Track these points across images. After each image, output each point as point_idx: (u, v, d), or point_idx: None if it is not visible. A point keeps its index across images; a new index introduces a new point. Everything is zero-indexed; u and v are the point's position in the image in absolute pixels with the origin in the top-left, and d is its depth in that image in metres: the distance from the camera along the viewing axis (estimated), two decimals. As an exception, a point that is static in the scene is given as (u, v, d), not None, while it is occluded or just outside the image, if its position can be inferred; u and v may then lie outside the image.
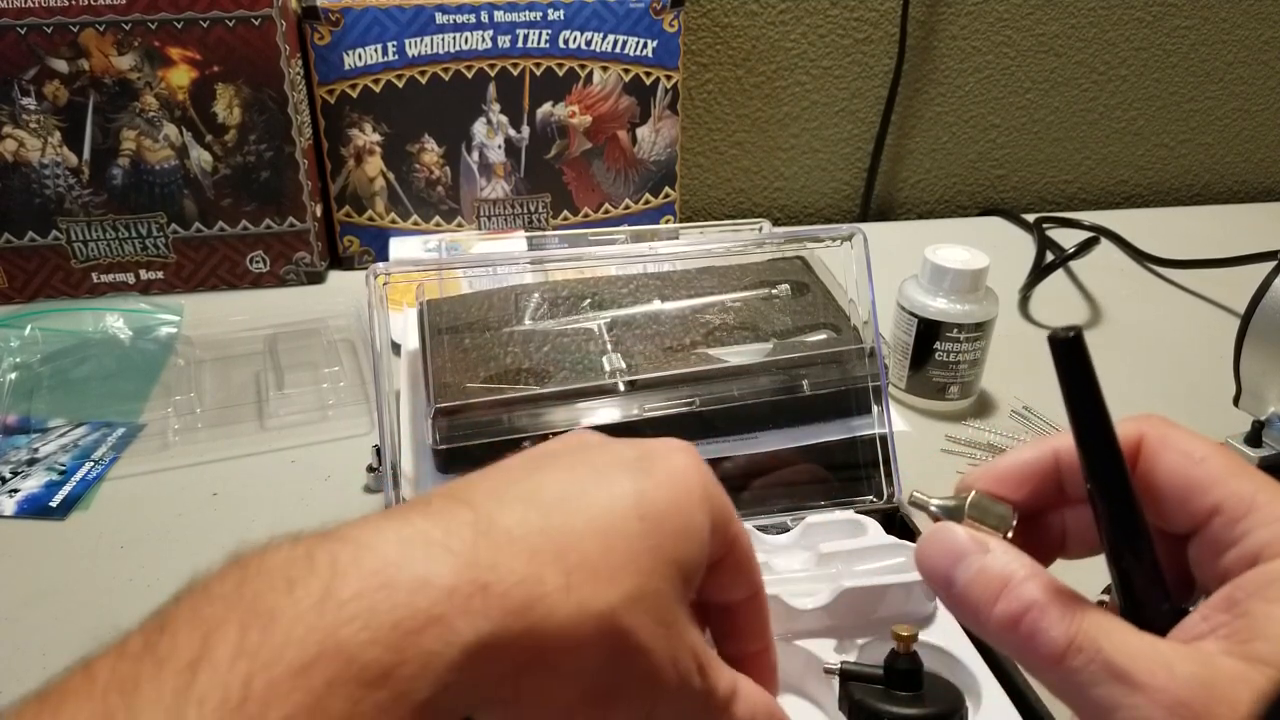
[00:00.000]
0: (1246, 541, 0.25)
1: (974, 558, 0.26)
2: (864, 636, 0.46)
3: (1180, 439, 0.27)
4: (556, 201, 0.91)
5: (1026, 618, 0.25)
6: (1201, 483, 0.26)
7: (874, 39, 0.97)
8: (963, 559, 0.26)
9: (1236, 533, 0.25)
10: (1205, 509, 0.26)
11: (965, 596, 0.26)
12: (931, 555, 0.27)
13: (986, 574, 0.26)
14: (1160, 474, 0.27)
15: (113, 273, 0.83)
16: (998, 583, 0.26)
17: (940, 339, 0.66)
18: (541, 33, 0.83)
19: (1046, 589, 0.25)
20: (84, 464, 0.62)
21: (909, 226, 1.04)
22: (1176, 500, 0.27)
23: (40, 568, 0.55)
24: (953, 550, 0.27)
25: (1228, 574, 0.25)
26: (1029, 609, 0.25)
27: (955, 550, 0.27)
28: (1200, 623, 0.25)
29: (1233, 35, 1.04)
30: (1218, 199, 1.14)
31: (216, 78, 0.78)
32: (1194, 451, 0.27)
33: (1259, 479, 0.26)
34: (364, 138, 0.85)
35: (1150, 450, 0.27)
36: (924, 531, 0.28)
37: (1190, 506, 0.26)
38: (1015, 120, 1.05)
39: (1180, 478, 0.27)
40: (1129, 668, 0.23)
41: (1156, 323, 0.84)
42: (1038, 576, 0.26)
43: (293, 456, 0.64)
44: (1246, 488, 0.26)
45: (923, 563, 0.28)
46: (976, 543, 0.27)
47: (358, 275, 0.87)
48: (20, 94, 0.76)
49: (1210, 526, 0.26)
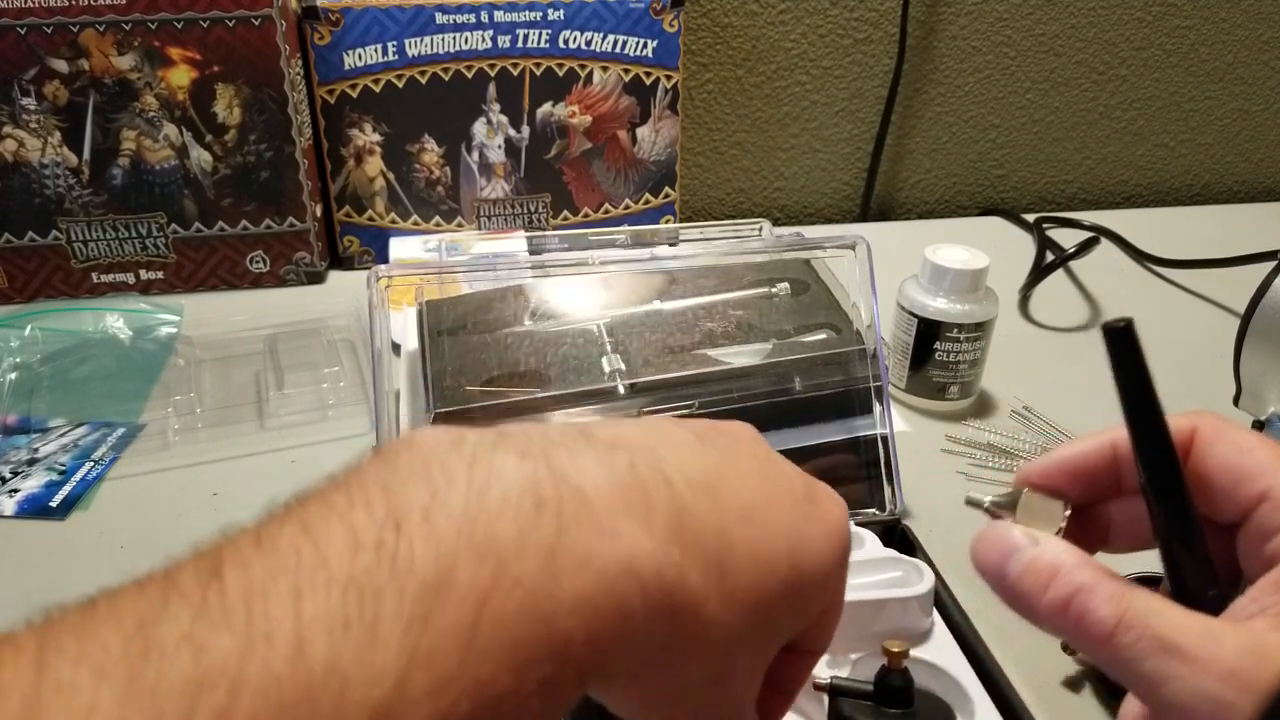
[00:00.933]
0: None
1: (1025, 551, 0.28)
2: (858, 651, 0.45)
3: (1231, 432, 0.29)
4: (556, 201, 0.91)
5: (1075, 600, 0.26)
6: (1250, 471, 0.28)
7: (874, 39, 0.97)
8: (1014, 553, 0.28)
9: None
10: (1253, 496, 0.28)
11: (1018, 587, 0.28)
12: (985, 551, 0.29)
13: (1037, 565, 0.27)
14: (1211, 464, 0.29)
15: (113, 273, 0.83)
16: (1048, 572, 0.27)
17: (940, 339, 0.66)
18: (541, 33, 0.83)
19: (1094, 574, 0.27)
20: (84, 464, 0.62)
21: (909, 226, 1.04)
22: (1226, 489, 0.28)
23: (40, 568, 0.55)
24: (1005, 545, 0.28)
25: (1275, 558, 0.27)
26: (1077, 592, 0.26)
27: (1007, 545, 0.28)
28: (1250, 604, 0.26)
29: (1233, 35, 1.04)
30: (1218, 199, 1.14)
31: (216, 78, 0.78)
32: (1244, 443, 0.28)
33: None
34: (364, 138, 0.85)
35: (1203, 442, 0.29)
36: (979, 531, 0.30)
37: (1239, 495, 0.28)
38: (1015, 120, 1.05)
39: (1230, 468, 0.28)
40: (1179, 641, 0.24)
41: (1156, 323, 0.84)
42: (1087, 564, 0.27)
43: (293, 456, 0.64)
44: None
45: (977, 559, 0.29)
46: (1028, 538, 0.28)
47: (358, 275, 0.87)
48: (20, 94, 0.76)
49: (1258, 513, 0.28)
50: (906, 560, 0.49)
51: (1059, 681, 0.48)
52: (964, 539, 0.30)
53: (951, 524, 0.58)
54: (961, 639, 0.47)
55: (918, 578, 0.48)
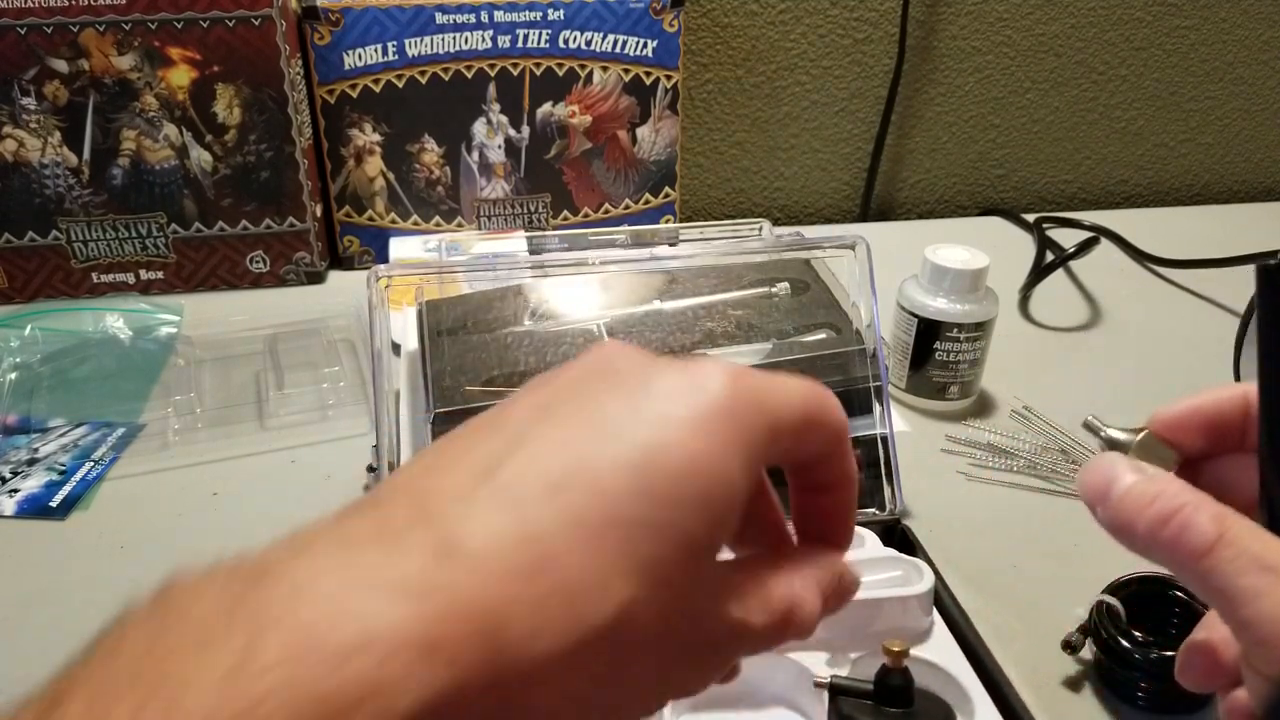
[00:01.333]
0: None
1: (1130, 475, 0.28)
2: (858, 650, 0.45)
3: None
4: (556, 201, 0.91)
5: (1179, 515, 0.26)
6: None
7: (874, 39, 0.97)
8: (1119, 478, 0.28)
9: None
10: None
11: (1120, 506, 0.28)
12: (1091, 476, 0.29)
13: (1141, 486, 0.27)
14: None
15: (113, 273, 0.83)
16: (1152, 493, 0.27)
17: (940, 339, 0.66)
18: (541, 33, 0.83)
19: (1198, 495, 0.27)
20: (84, 464, 0.62)
21: (909, 226, 1.04)
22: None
23: (40, 568, 0.55)
24: (1111, 471, 0.28)
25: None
26: (1181, 508, 0.26)
27: (1114, 472, 0.28)
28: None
29: (1233, 35, 1.04)
30: (1218, 199, 1.14)
31: (216, 78, 0.78)
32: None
33: None
34: (364, 138, 0.85)
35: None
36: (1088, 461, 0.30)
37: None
38: (1015, 120, 1.05)
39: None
40: (1274, 559, 0.25)
41: (1156, 323, 0.84)
42: (1190, 490, 0.27)
43: (293, 456, 0.64)
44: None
45: (1082, 483, 0.29)
46: (1135, 468, 0.28)
47: (358, 275, 0.87)
48: (20, 94, 0.75)
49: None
50: (906, 560, 0.49)
51: (1059, 681, 0.48)
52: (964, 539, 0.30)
53: (951, 524, 0.58)
54: (961, 638, 0.47)
55: (917, 577, 0.48)
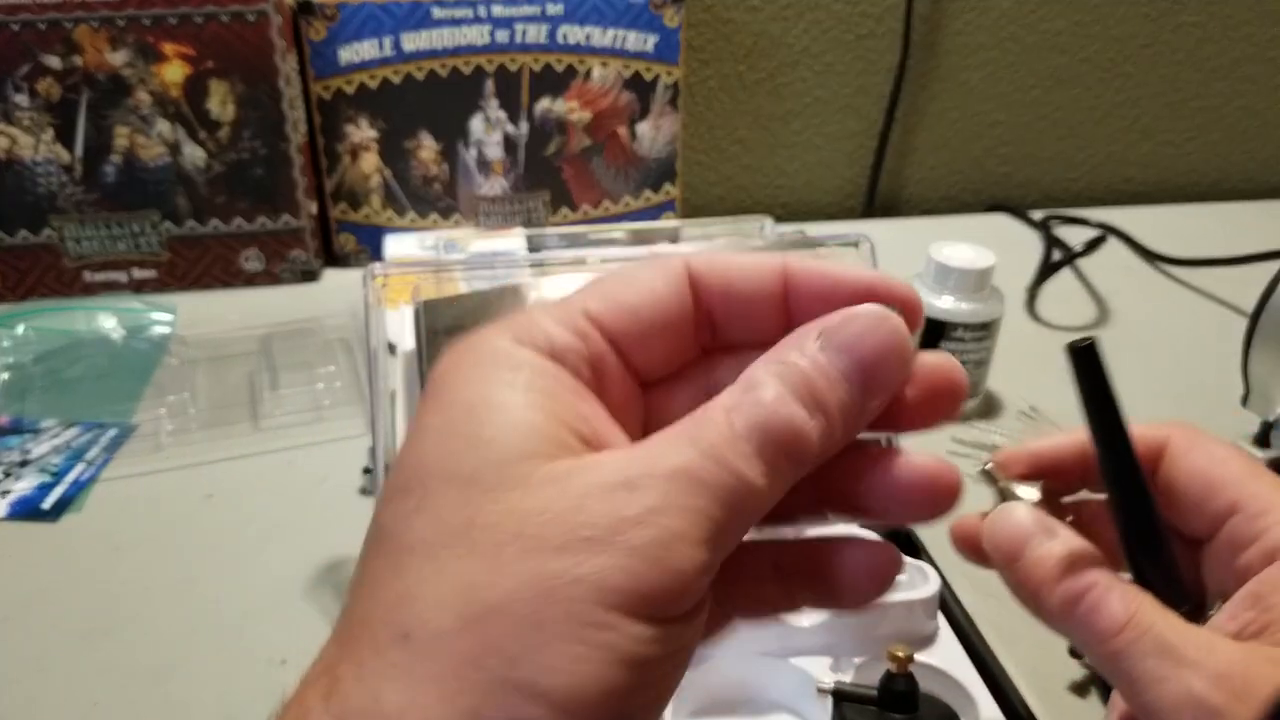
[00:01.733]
0: (1266, 537, 0.27)
1: (1041, 539, 0.27)
2: (862, 655, 0.45)
3: (1205, 443, 0.29)
4: (555, 198, 0.90)
5: (1090, 594, 0.26)
6: (1221, 482, 0.28)
7: (878, 34, 0.96)
8: (1031, 539, 0.27)
9: (1256, 529, 0.27)
10: (1224, 508, 0.28)
11: (1030, 573, 0.27)
12: (1000, 532, 0.28)
13: (1053, 554, 0.27)
14: (1182, 475, 0.29)
15: (105, 271, 0.82)
16: (1063, 563, 0.27)
17: (946, 338, 0.65)
18: (540, 28, 0.83)
19: (1107, 573, 0.27)
20: (76, 465, 0.61)
21: (913, 224, 1.03)
22: (1197, 501, 0.28)
23: (32, 571, 0.54)
24: (1022, 530, 0.28)
25: (1248, 571, 0.27)
26: (1093, 587, 0.26)
27: (1024, 531, 0.27)
28: (1228, 622, 0.26)
29: (1240, 32, 1.03)
30: (1225, 197, 1.13)
31: (210, 74, 0.77)
32: (1216, 454, 0.28)
33: (1276, 480, 0.28)
34: (360, 134, 0.84)
35: (1175, 452, 0.29)
36: (993, 510, 0.29)
37: (1210, 506, 0.28)
38: (1020, 117, 1.04)
39: (1201, 478, 0.28)
40: (1177, 644, 0.25)
41: (1164, 321, 0.83)
42: (1100, 561, 0.27)
43: (288, 457, 0.63)
44: (1265, 488, 0.27)
45: (991, 538, 0.28)
46: (1044, 527, 0.27)
47: (353, 273, 0.86)
48: (13, 91, 0.75)
49: (1228, 526, 0.28)
50: (911, 563, 0.48)
51: (1064, 686, 0.48)
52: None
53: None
54: (966, 642, 0.47)
55: (922, 581, 0.48)
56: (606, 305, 0.22)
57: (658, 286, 0.23)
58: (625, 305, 0.23)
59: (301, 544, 0.56)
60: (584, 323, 0.22)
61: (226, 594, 0.53)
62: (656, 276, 0.23)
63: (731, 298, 0.23)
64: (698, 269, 0.23)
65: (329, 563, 0.55)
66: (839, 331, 0.22)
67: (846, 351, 0.22)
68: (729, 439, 0.20)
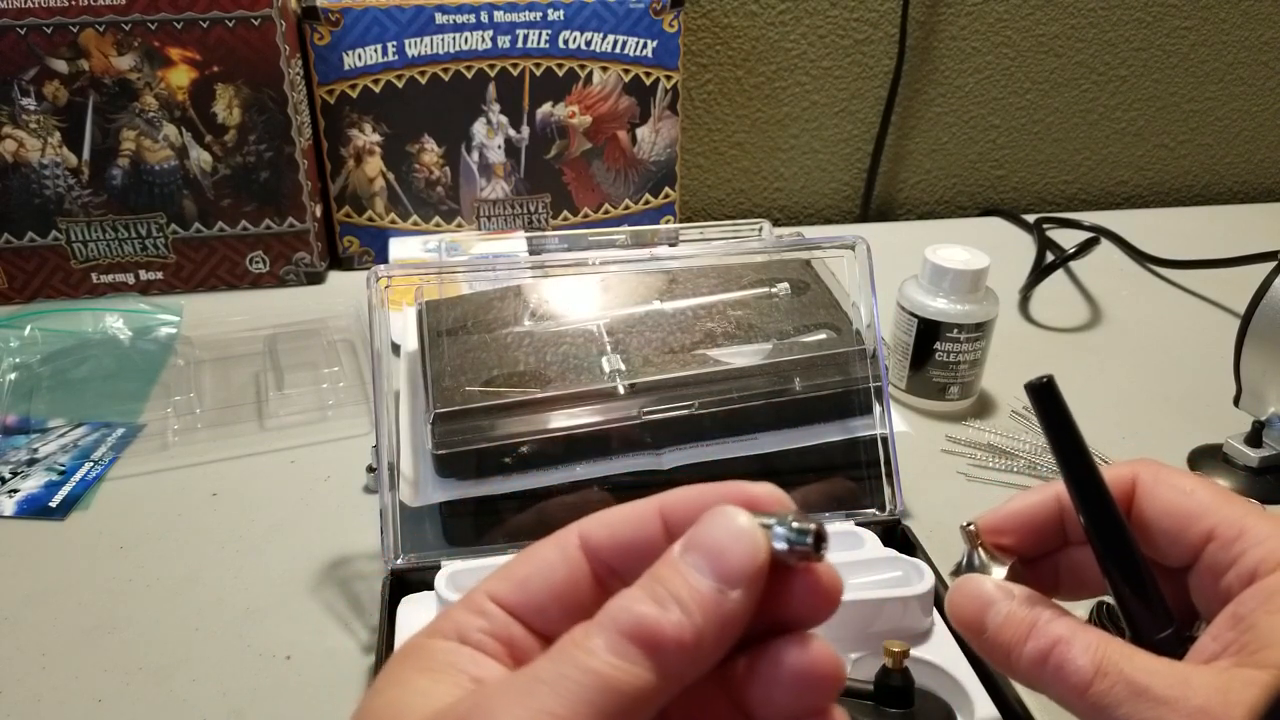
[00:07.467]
0: (1243, 561, 0.27)
1: (1002, 604, 0.28)
2: (858, 651, 0.45)
3: (1170, 476, 0.30)
4: (556, 202, 0.91)
5: (1055, 651, 0.27)
6: (1194, 512, 0.29)
7: (874, 39, 0.97)
8: (991, 605, 0.28)
9: (1232, 554, 0.28)
10: (1200, 537, 0.28)
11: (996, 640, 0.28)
12: (961, 604, 0.29)
13: (1015, 618, 0.28)
14: (1155, 509, 0.29)
15: (112, 273, 0.83)
16: (1026, 625, 0.27)
17: (940, 339, 0.66)
18: (541, 33, 0.83)
19: (1070, 625, 0.27)
20: (83, 464, 0.62)
21: (909, 227, 1.04)
22: (1172, 533, 0.29)
23: (40, 568, 0.55)
24: (981, 599, 0.29)
25: (1229, 593, 0.27)
26: (1056, 643, 0.27)
27: (984, 598, 0.29)
28: (1211, 643, 0.26)
29: (1233, 36, 1.04)
30: (1218, 199, 1.14)
31: (216, 78, 0.78)
32: (1184, 486, 0.29)
33: (1245, 504, 0.29)
34: (364, 138, 0.85)
35: (1144, 489, 0.30)
36: (951, 585, 0.30)
37: (1186, 537, 0.29)
38: (1015, 121, 1.05)
39: (1174, 511, 0.29)
40: (1150, 684, 0.25)
41: (1157, 323, 0.84)
42: (1062, 616, 0.28)
43: (292, 457, 0.64)
44: (1236, 513, 0.28)
45: (953, 611, 0.29)
46: (1003, 591, 0.29)
47: (357, 275, 0.87)
48: (20, 94, 0.75)
49: (1206, 553, 0.28)
50: (906, 560, 0.49)
51: (1059, 682, 0.48)
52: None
53: (952, 524, 0.57)
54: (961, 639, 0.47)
55: (918, 577, 0.48)
56: (506, 584, 0.24)
57: (550, 556, 0.24)
58: (517, 579, 0.24)
59: (306, 541, 0.56)
60: (488, 604, 0.24)
61: (231, 591, 0.53)
62: (549, 547, 0.25)
63: (620, 546, 0.24)
64: (586, 530, 0.25)
65: (333, 560, 0.55)
66: (690, 533, 0.23)
67: (694, 547, 0.22)
68: (583, 649, 0.21)
